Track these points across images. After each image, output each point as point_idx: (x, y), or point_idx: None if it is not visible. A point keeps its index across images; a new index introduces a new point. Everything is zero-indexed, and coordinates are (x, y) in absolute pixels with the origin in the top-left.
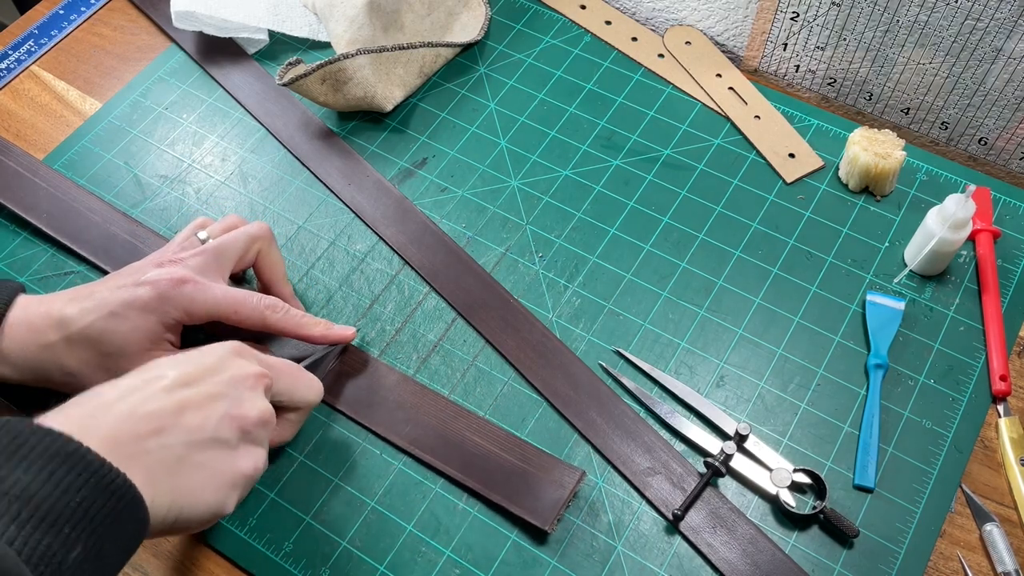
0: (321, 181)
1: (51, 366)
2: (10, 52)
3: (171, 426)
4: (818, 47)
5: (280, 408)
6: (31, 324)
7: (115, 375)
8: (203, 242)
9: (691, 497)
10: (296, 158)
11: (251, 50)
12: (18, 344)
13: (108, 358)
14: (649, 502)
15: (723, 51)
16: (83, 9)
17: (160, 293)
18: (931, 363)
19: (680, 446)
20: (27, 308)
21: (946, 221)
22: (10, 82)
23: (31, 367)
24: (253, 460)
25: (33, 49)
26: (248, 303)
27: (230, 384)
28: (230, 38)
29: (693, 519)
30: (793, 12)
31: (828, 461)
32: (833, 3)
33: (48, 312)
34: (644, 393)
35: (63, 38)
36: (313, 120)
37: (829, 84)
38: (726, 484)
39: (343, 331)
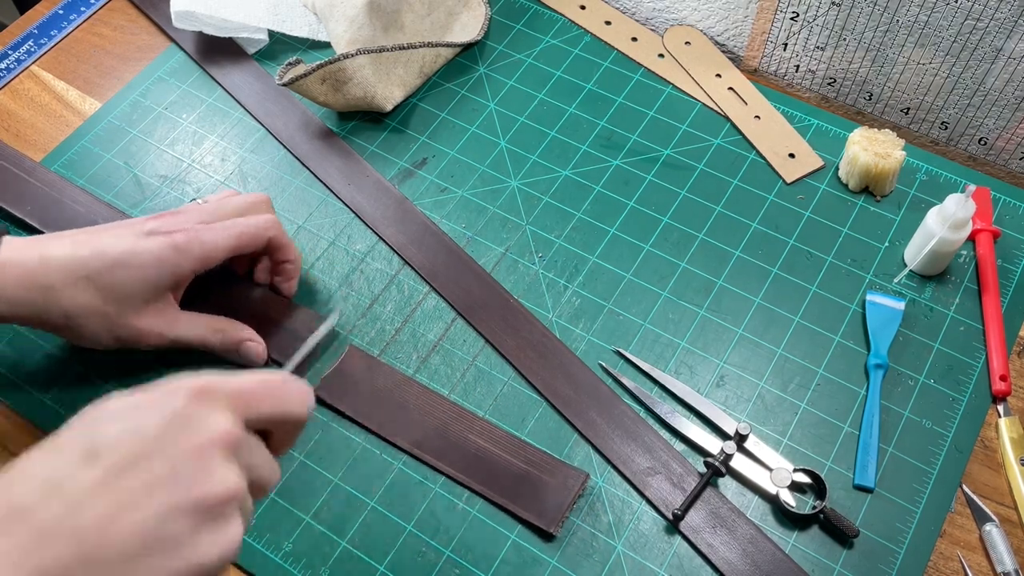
0: (321, 181)
1: (51, 307)
2: (10, 52)
3: (105, 543)
4: (818, 47)
5: (271, 428)
6: (25, 265)
7: (115, 322)
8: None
9: (691, 497)
10: (296, 158)
11: (251, 50)
12: (12, 284)
13: (109, 305)
14: (649, 502)
15: (723, 51)
16: (83, 9)
17: (174, 243)
18: (931, 363)
19: (680, 446)
20: (19, 250)
21: (946, 221)
22: (10, 82)
23: (28, 306)
24: (220, 544)
25: (33, 49)
26: (252, 224)
27: (182, 460)
28: (230, 38)
29: (693, 519)
30: (793, 12)
31: (828, 461)
32: (833, 3)
33: (44, 254)
34: (644, 393)
35: (63, 38)
36: (313, 120)
37: (829, 84)
38: (726, 484)
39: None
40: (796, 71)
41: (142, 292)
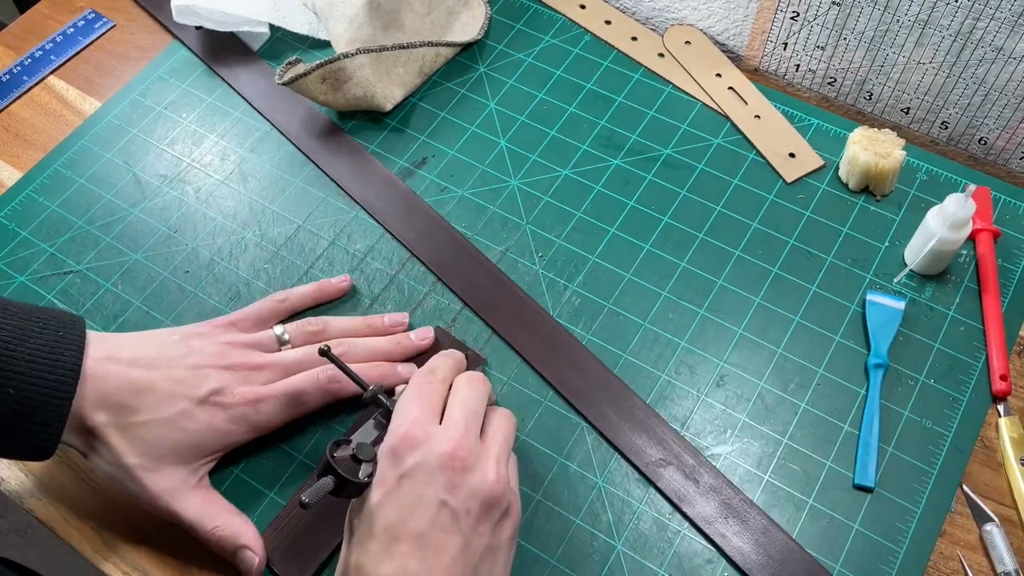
0: (328, 176)
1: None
2: (16, 68)
3: None
4: (818, 46)
5: None
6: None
7: (129, 473)
8: (279, 340)
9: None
10: (303, 153)
11: (253, 45)
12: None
13: (154, 450)
14: (661, 492)
15: (723, 50)
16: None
17: (230, 417)
18: (931, 363)
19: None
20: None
21: (946, 221)
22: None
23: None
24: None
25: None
26: (310, 382)
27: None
28: (232, 34)
29: (704, 509)
30: (793, 11)
31: (828, 461)
32: (833, 2)
33: (100, 391)
34: None
35: (76, 54)
36: (319, 116)
37: (829, 83)
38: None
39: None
40: (796, 70)
41: (183, 456)
